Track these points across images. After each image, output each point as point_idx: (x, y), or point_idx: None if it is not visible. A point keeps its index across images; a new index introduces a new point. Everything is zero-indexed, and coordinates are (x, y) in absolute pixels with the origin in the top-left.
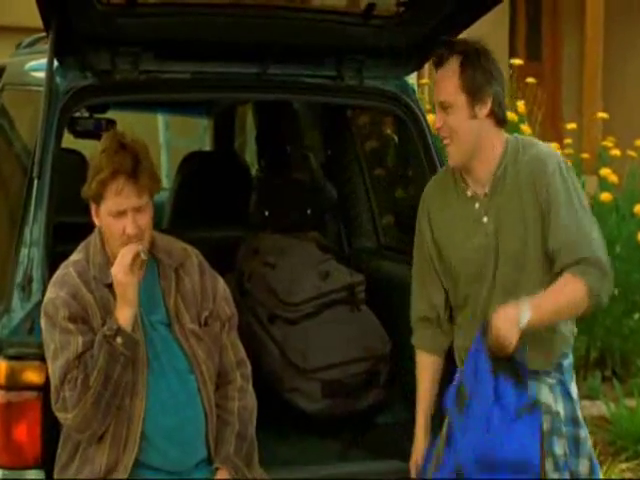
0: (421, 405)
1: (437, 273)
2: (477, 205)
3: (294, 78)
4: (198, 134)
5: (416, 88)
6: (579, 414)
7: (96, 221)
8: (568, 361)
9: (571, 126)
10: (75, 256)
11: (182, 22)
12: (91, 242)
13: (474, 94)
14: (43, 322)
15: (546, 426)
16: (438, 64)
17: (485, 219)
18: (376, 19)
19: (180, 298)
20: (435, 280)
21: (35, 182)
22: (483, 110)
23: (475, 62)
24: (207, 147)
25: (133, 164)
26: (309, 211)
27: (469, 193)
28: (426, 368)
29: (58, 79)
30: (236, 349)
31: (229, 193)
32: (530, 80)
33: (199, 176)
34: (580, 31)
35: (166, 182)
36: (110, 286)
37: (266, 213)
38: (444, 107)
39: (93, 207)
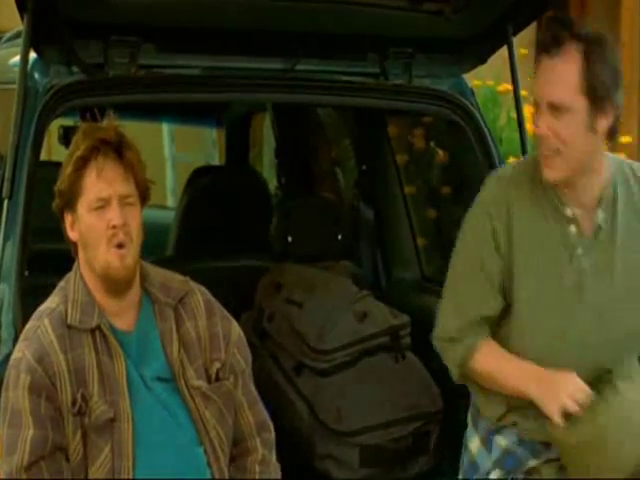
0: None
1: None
2: (573, 228)
3: (328, 76)
4: (206, 148)
5: None
6: None
7: (71, 235)
8: None
9: (626, 139)
10: (51, 301)
11: (191, 5)
12: (70, 277)
13: (599, 101)
14: (3, 386)
15: None
16: (551, 47)
17: (580, 250)
18: (429, 4)
19: (182, 346)
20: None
21: (5, 203)
22: (604, 122)
23: (603, 56)
24: (216, 162)
25: (116, 139)
26: (340, 236)
27: (568, 212)
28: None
29: (37, 75)
30: (255, 408)
31: (245, 215)
32: None
33: (209, 195)
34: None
35: (171, 201)
36: (93, 332)
37: (289, 239)
38: (555, 109)
39: (68, 217)
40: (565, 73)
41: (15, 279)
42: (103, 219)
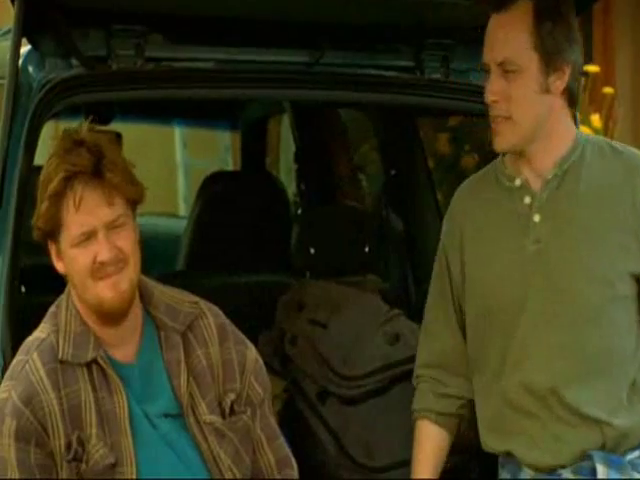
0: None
1: (456, 311)
2: (527, 199)
3: (356, 70)
4: (219, 153)
5: None
6: None
7: (58, 267)
8: None
9: None
10: (40, 330)
11: None
12: (62, 304)
13: (551, 58)
14: None
15: None
16: (501, 6)
17: (537, 217)
18: None
19: (192, 377)
20: (451, 319)
21: None
22: (558, 83)
23: (555, 13)
24: (230, 168)
25: (94, 160)
26: (367, 249)
27: (518, 182)
28: (428, 438)
29: (30, 69)
30: (275, 444)
31: (262, 225)
32: (607, 90)
33: (224, 203)
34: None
35: (183, 210)
36: (89, 365)
37: (311, 251)
38: (506, 70)
39: (52, 247)
40: (515, 30)
41: (5, 297)
42: (90, 251)
